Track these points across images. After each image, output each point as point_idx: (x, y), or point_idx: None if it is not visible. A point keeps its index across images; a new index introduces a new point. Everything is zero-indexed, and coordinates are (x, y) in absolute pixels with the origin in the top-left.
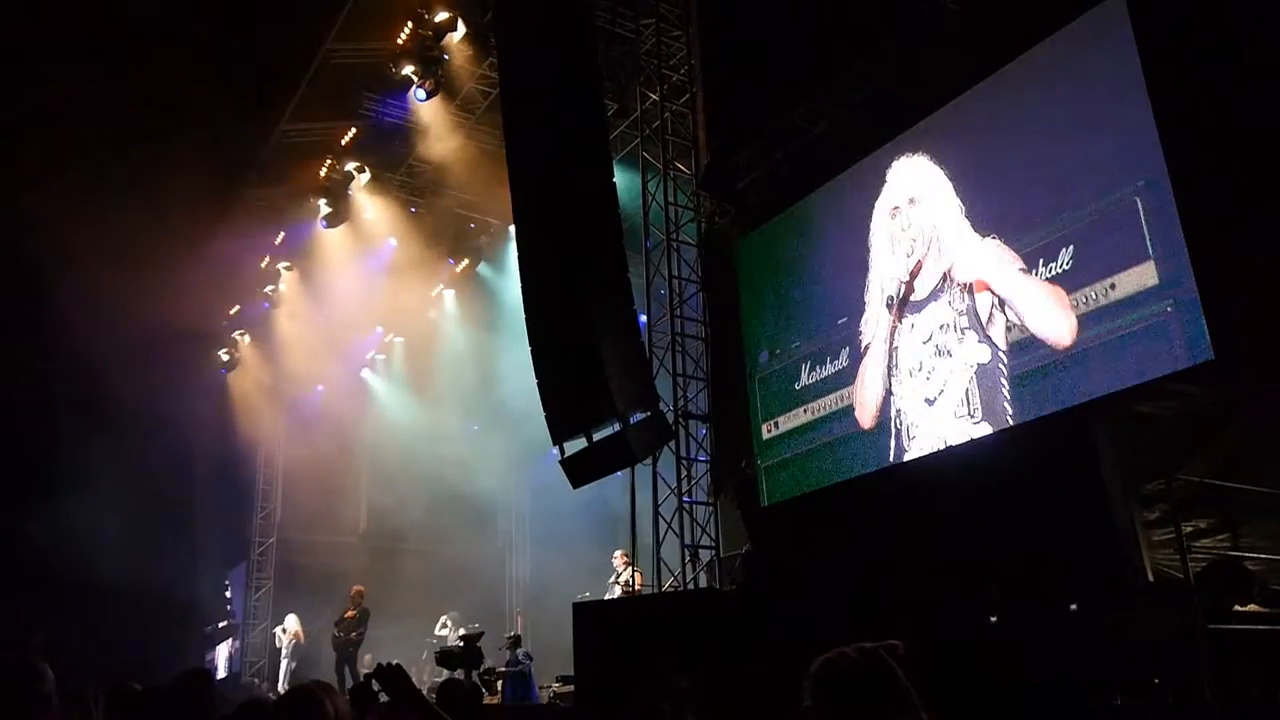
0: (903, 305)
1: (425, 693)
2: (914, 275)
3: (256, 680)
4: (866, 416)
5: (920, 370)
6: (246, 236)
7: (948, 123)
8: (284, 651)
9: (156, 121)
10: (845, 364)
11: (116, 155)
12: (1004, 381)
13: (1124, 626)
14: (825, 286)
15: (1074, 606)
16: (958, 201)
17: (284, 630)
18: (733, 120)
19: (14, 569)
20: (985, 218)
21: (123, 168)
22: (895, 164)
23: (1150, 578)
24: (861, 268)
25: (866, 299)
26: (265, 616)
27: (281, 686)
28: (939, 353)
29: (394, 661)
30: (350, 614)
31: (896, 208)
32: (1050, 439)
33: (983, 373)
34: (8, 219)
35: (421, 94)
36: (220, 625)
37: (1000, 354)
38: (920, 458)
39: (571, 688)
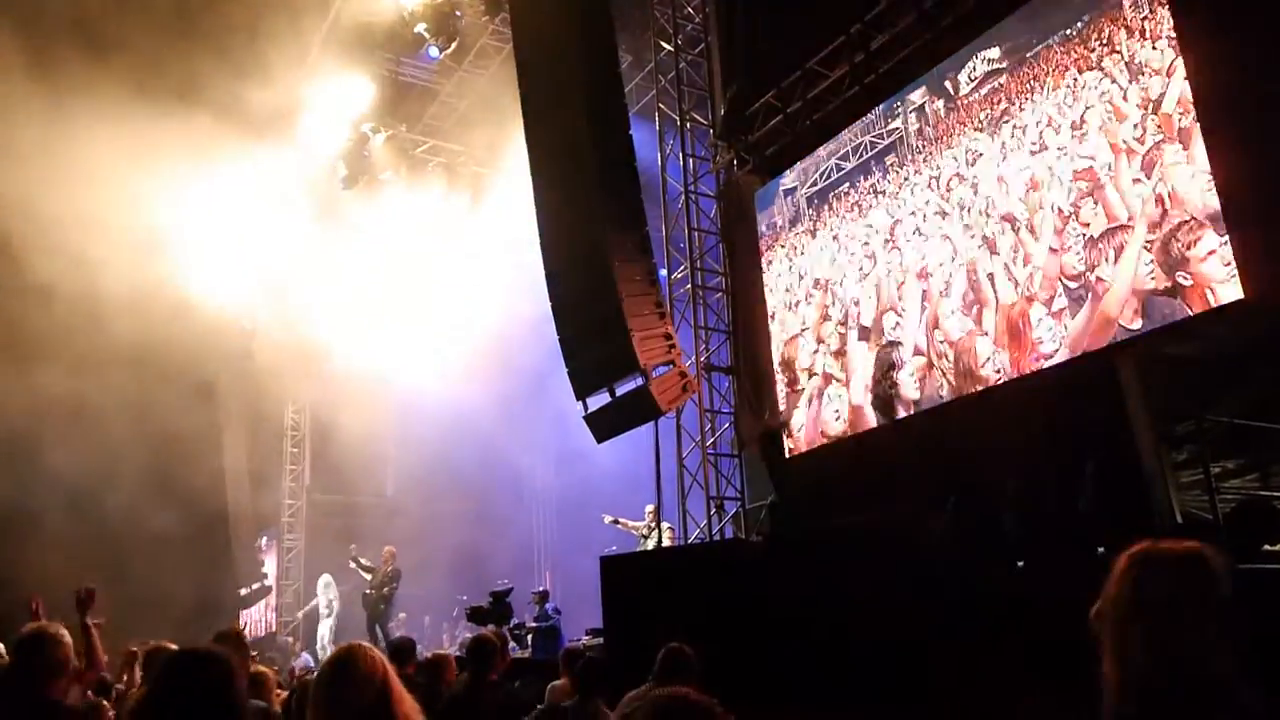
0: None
1: (457, 648)
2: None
3: (291, 639)
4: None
5: (946, 314)
6: (266, 200)
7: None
8: (323, 611)
9: (169, 88)
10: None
11: (130, 125)
12: (1034, 322)
13: None
14: None
15: (1101, 549)
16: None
17: (328, 587)
18: (749, 68)
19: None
20: (1011, 160)
21: (138, 136)
22: None
23: (1179, 519)
24: None
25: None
26: (297, 578)
27: (328, 646)
28: (966, 296)
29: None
30: (382, 574)
31: None
32: (1079, 381)
33: (1012, 313)
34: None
35: (435, 50)
36: (254, 587)
37: (1029, 294)
38: (946, 401)
39: (601, 640)
